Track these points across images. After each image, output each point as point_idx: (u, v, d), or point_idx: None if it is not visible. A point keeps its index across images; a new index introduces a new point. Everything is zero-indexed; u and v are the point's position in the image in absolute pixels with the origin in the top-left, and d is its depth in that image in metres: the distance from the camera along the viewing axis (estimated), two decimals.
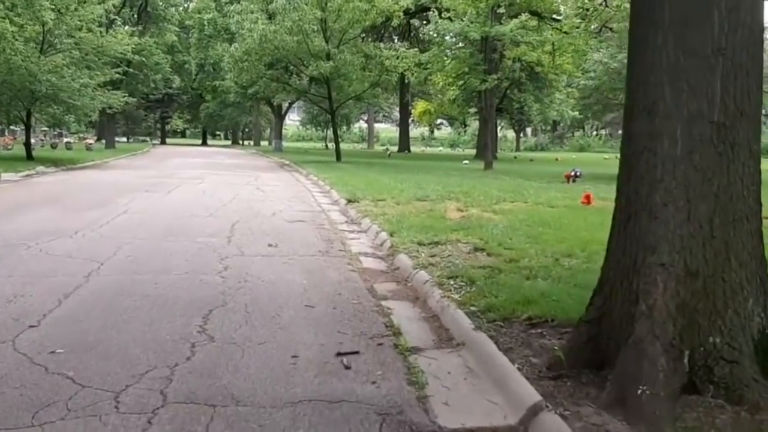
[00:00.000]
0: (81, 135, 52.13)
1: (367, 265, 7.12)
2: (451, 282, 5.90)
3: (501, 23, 22.87)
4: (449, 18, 23.49)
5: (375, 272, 6.82)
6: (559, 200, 12.55)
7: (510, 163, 32.94)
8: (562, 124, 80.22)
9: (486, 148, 24.81)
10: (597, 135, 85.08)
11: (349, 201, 12.24)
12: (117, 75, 24.78)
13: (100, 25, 23.88)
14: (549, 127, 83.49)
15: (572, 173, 17.67)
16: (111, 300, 5.36)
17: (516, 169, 26.29)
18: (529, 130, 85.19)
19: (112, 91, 23.67)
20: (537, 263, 6.54)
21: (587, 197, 11.65)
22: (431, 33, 24.64)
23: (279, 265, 6.91)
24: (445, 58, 27.59)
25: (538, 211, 10.83)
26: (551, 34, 23.03)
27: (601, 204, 12.19)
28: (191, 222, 9.71)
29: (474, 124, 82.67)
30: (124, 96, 24.44)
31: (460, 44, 29.35)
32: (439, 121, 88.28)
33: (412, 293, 5.98)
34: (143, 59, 35.92)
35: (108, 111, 25.54)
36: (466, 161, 31.88)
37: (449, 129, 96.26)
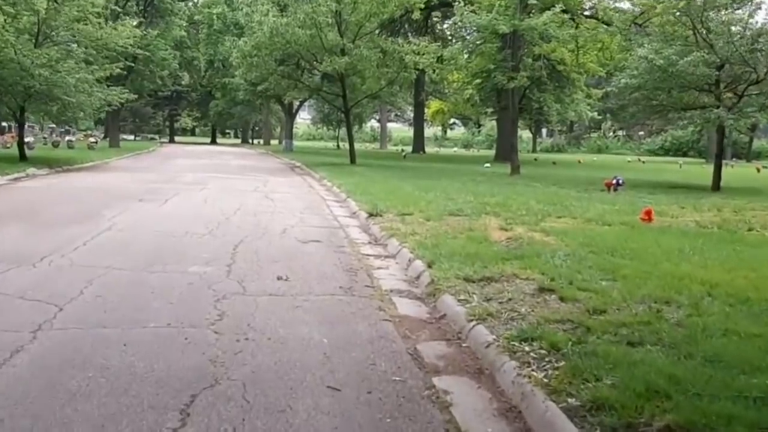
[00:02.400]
0: (88, 133, 50.89)
1: (403, 311, 5.54)
2: (525, 347, 4.31)
3: (530, 16, 21.20)
4: (473, 11, 21.87)
5: (415, 322, 5.24)
6: (611, 215, 10.91)
7: (533, 166, 31.23)
8: (577, 125, 78.46)
9: (513, 152, 23.14)
10: (615, 136, 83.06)
11: (371, 215, 10.66)
12: (119, 70, 23.24)
13: (99, 17, 22.37)
14: (566, 128, 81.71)
15: (613, 181, 15.98)
16: (55, 376, 3.81)
17: (543, 173, 24.63)
18: (544, 130, 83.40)
19: (111, 87, 22.16)
20: (632, 316, 4.92)
21: (647, 213, 10.01)
22: (457, 25, 22.91)
23: (290, 311, 5.34)
24: (467, 54, 25.89)
25: (594, 230, 9.20)
26: (586, 29, 21.32)
27: (662, 220, 10.57)
28: (185, 242, 8.15)
29: (489, 125, 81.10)
30: (125, 92, 22.94)
31: (478, 41, 27.72)
32: (452, 120, 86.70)
33: (471, 361, 4.39)
34: (149, 54, 34.48)
35: (108, 108, 24.02)
36: (488, 164, 30.19)
37: (462, 129, 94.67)
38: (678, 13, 17.84)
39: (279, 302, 5.58)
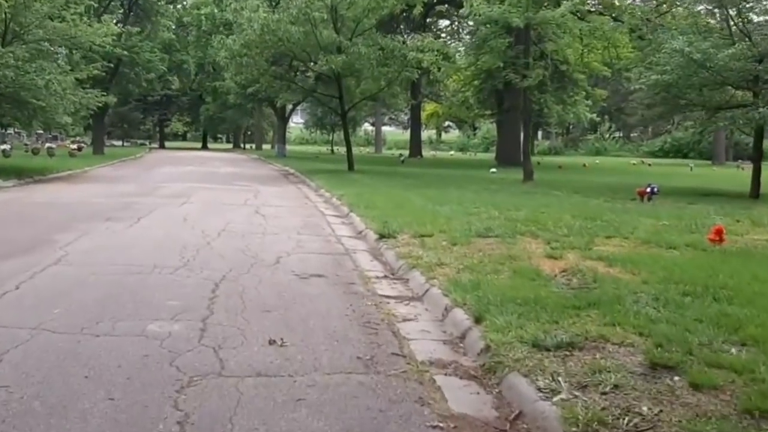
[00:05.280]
0: (76, 139, 48.95)
1: (456, 405, 3.72)
2: None
3: (541, 9, 19.48)
4: (481, 3, 20.14)
5: (479, 430, 3.45)
6: (668, 234, 9.16)
7: (540, 170, 29.04)
8: (574, 126, 76.85)
9: (525, 158, 21.40)
10: (612, 138, 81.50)
11: (381, 236, 8.87)
12: (96, 71, 21.32)
13: (78, 14, 20.53)
14: (564, 130, 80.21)
15: (647, 189, 14.25)
16: None
17: (556, 179, 22.86)
18: (539, 132, 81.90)
19: (88, 90, 20.27)
20: None
21: (718, 232, 8.25)
22: (463, 19, 21.22)
23: (288, 411, 3.53)
24: (473, 51, 24.15)
25: (662, 257, 7.43)
26: (605, 25, 19.71)
27: (735, 241, 8.80)
28: (151, 282, 6.33)
29: (484, 127, 79.37)
30: (103, 95, 21.06)
31: (490, 36, 26.01)
32: (446, 123, 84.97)
33: None
34: (133, 56, 32.60)
35: (84, 113, 22.06)
36: (494, 170, 28.39)
37: (457, 132, 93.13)
38: (709, 3, 16.21)
39: (271, 391, 3.78)
